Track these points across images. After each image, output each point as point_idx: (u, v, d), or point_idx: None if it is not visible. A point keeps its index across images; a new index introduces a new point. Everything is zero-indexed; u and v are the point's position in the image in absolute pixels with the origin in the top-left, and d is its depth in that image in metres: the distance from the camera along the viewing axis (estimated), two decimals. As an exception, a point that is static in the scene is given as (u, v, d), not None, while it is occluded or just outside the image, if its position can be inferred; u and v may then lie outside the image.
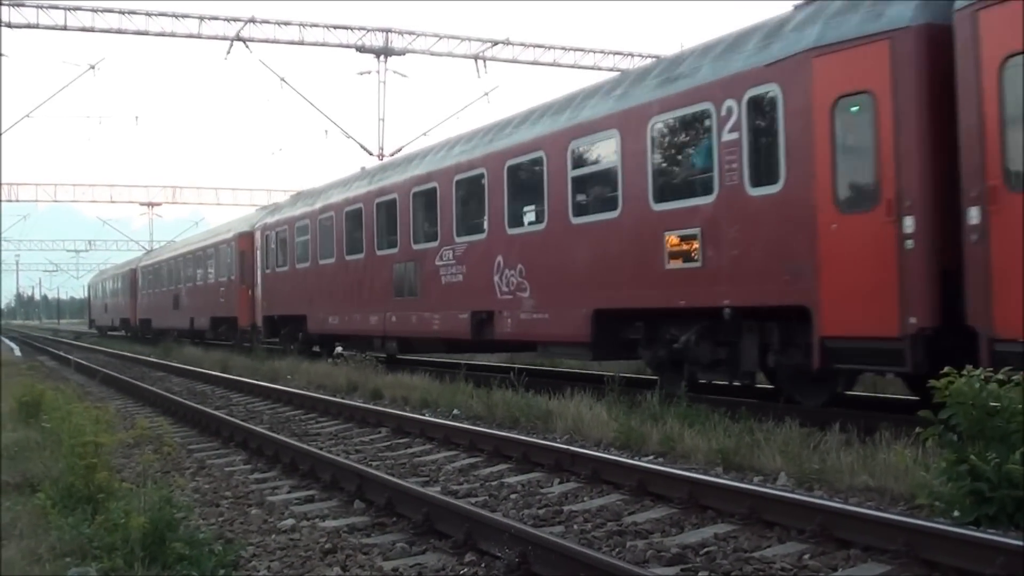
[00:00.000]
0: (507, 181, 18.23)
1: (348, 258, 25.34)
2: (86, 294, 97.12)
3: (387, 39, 41.84)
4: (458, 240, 19.66)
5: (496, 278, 18.15)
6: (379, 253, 23.41)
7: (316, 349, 29.31)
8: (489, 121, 20.79)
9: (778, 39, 12.38)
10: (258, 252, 33.68)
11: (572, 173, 16.25)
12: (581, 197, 16.26)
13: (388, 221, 23.09)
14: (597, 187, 15.97)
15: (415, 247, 21.47)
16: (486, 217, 18.78)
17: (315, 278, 27.66)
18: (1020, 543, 5.71)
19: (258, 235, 33.95)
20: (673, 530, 7.46)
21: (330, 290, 26.43)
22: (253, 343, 34.08)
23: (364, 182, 25.33)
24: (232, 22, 39.35)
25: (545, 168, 16.95)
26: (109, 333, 72.40)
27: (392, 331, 22.73)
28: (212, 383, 23.47)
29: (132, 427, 10.08)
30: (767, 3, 15.94)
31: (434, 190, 20.83)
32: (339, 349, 26.84)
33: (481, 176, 19.04)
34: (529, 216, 17.92)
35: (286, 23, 40.21)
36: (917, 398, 12.05)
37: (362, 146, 42.67)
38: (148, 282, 56.52)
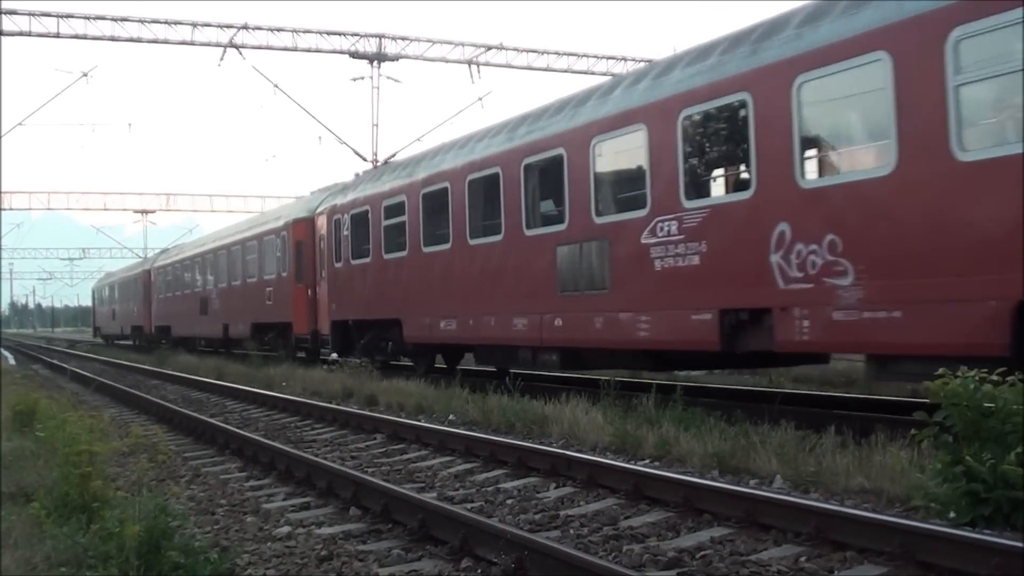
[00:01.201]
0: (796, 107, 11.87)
1: (473, 242, 19.07)
2: (90, 300, 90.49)
3: (380, 44, 41.85)
4: (690, 206, 13.45)
5: (776, 258, 11.99)
6: (530, 233, 17.16)
7: (406, 362, 24.36)
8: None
9: None
10: (322, 242, 27.72)
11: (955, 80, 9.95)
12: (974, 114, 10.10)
13: (546, 188, 17.04)
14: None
15: (601, 220, 15.22)
16: (751, 167, 12.54)
17: (416, 271, 21.44)
18: (1016, 543, 5.71)
19: (321, 221, 27.93)
20: (669, 534, 7.45)
21: (441, 286, 20.20)
22: (313, 354, 28.91)
23: (502, 138, 18.69)
24: (225, 29, 39.35)
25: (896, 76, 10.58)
26: (116, 342, 67.30)
27: (554, 339, 16.41)
28: (207, 391, 23.46)
29: (127, 435, 10.12)
30: (765, 4, 15.90)
31: (641, 134, 14.45)
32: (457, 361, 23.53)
33: (742, 104, 12.74)
34: (853, 157, 11.99)
35: (279, 29, 40.22)
36: (913, 399, 12.05)
37: (356, 152, 42.64)
38: (166, 284, 50.19)
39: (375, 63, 41.99)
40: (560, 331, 16.14)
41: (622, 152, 15.28)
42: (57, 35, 37.31)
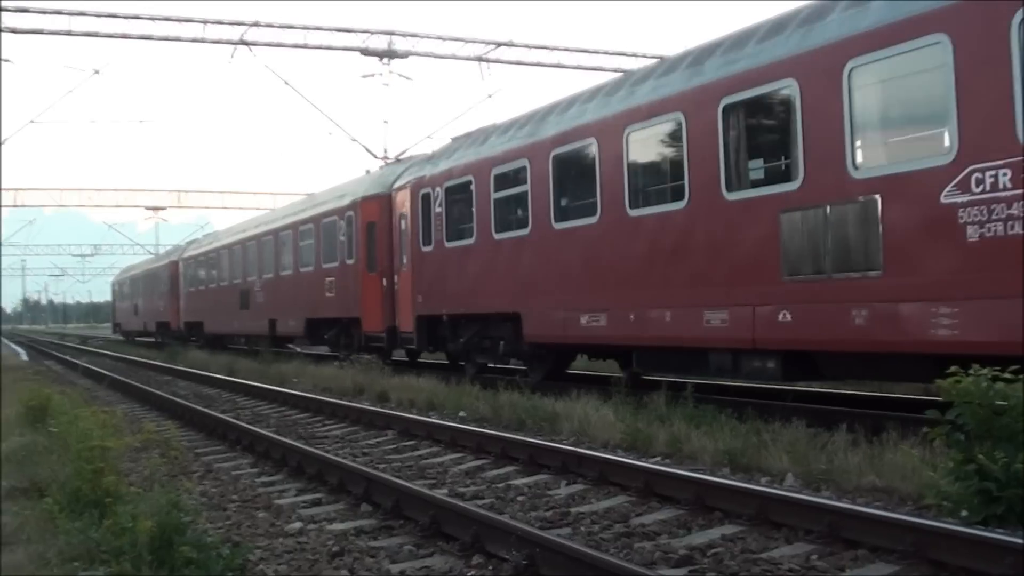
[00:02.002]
0: None
1: (637, 213, 14.70)
2: (109, 295, 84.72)
3: (391, 42, 41.83)
4: None
5: None
6: (733, 198, 12.87)
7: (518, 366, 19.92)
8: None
9: None
10: (403, 222, 23.33)
11: None
12: None
13: (758, 137, 13.29)
14: None
15: (864, 174, 11.04)
16: None
17: (543, 253, 17.27)
18: (1029, 543, 5.69)
19: (402, 197, 23.44)
20: (680, 531, 7.45)
21: (583, 271, 16.05)
22: (387, 355, 24.77)
23: (682, 75, 14.15)
24: (236, 26, 39.31)
25: None
26: (138, 339, 62.19)
27: (775, 340, 12.34)
28: (218, 387, 23.50)
29: (139, 431, 10.13)
30: (772, 2, 15.77)
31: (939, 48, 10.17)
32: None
33: None
34: None
35: (290, 26, 40.19)
36: (925, 397, 11.98)
37: (367, 148, 42.65)
38: (197, 276, 45.34)
39: (385, 60, 41.99)
40: (786, 329, 12.01)
41: (904, 76, 10.88)
42: (68, 33, 37.34)
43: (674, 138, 14.06)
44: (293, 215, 32.72)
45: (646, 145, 14.86)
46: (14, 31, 36.29)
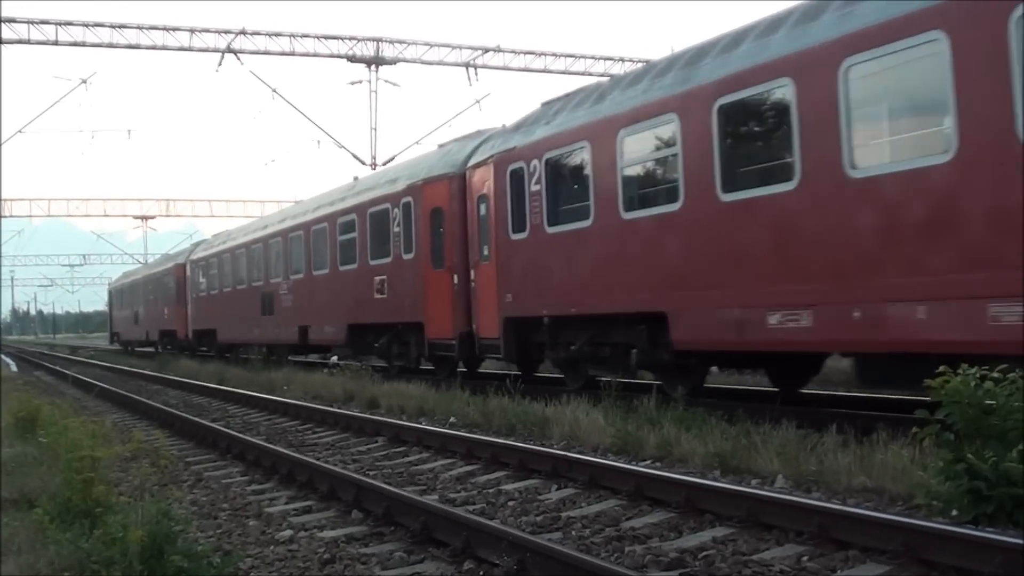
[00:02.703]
0: None
1: (859, 175, 11.09)
2: (106, 303, 78.73)
3: (378, 48, 41.90)
4: None
5: None
6: None
7: None
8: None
9: None
10: (483, 205, 19.34)
11: None
12: None
13: None
14: None
15: None
16: None
17: (702, 234, 13.46)
18: (1019, 541, 5.71)
19: (482, 176, 19.39)
20: (671, 534, 7.46)
21: (776, 254, 12.30)
22: (455, 365, 21.83)
23: None
24: (223, 34, 39.39)
25: None
26: (138, 350, 57.52)
27: None
28: (208, 395, 23.46)
29: (129, 440, 10.11)
30: (761, 4, 15.78)
31: None
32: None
33: None
34: None
35: (277, 34, 40.27)
36: (914, 397, 11.99)
37: (355, 156, 42.72)
38: (208, 279, 40.94)
39: (373, 67, 42.06)
40: None
41: None
42: (56, 42, 37.36)
43: (936, 66, 10.15)
44: (328, 206, 28.10)
45: (869, 84, 11.15)
46: (0, 42, 36.24)
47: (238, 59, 39.45)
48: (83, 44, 37.70)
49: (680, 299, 13.77)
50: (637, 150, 14.86)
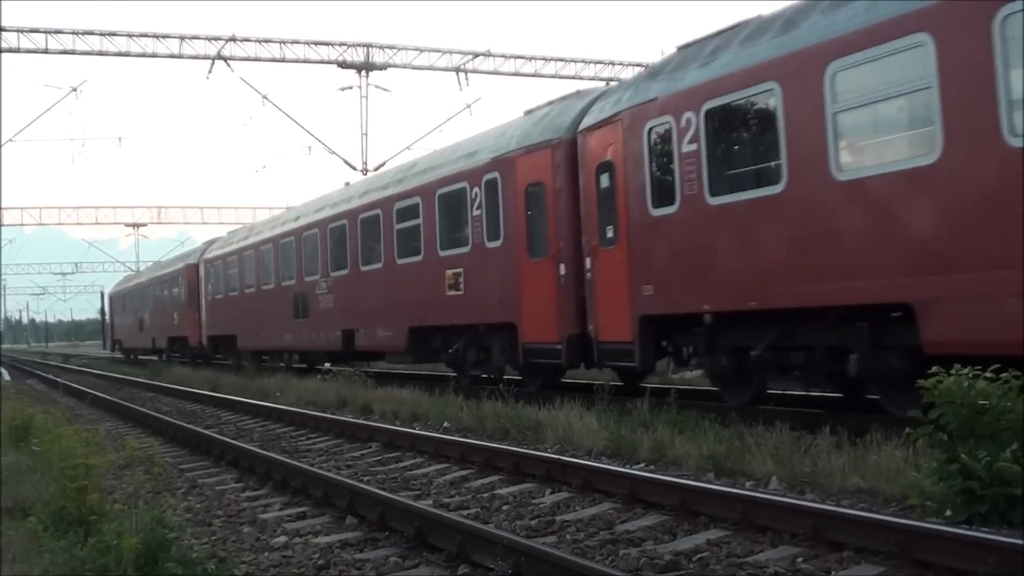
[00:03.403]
0: None
1: None
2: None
3: (368, 54, 41.91)
4: None
5: None
6: None
7: None
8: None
9: None
10: (605, 176, 15.53)
11: None
12: None
13: None
14: None
15: None
16: None
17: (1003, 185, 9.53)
18: (1013, 540, 5.72)
19: (603, 138, 15.66)
20: (666, 537, 7.46)
21: None
22: (560, 373, 18.80)
23: None
24: (213, 41, 39.39)
25: None
26: (140, 358, 54.41)
27: None
28: (202, 402, 23.42)
29: (122, 448, 10.09)
30: (753, 4, 15.74)
31: None
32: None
33: None
34: None
35: (267, 40, 40.28)
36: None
37: (346, 161, 42.76)
38: (227, 280, 36.85)
39: (363, 73, 42.09)
40: None
41: None
42: (46, 51, 37.34)
43: None
44: (380, 190, 24.09)
45: None
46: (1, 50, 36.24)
47: (228, 66, 39.46)
48: (73, 52, 37.68)
49: (938, 285, 10.10)
50: (859, 89, 11.10)
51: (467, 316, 19.57)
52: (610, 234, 15.39)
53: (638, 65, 38.31)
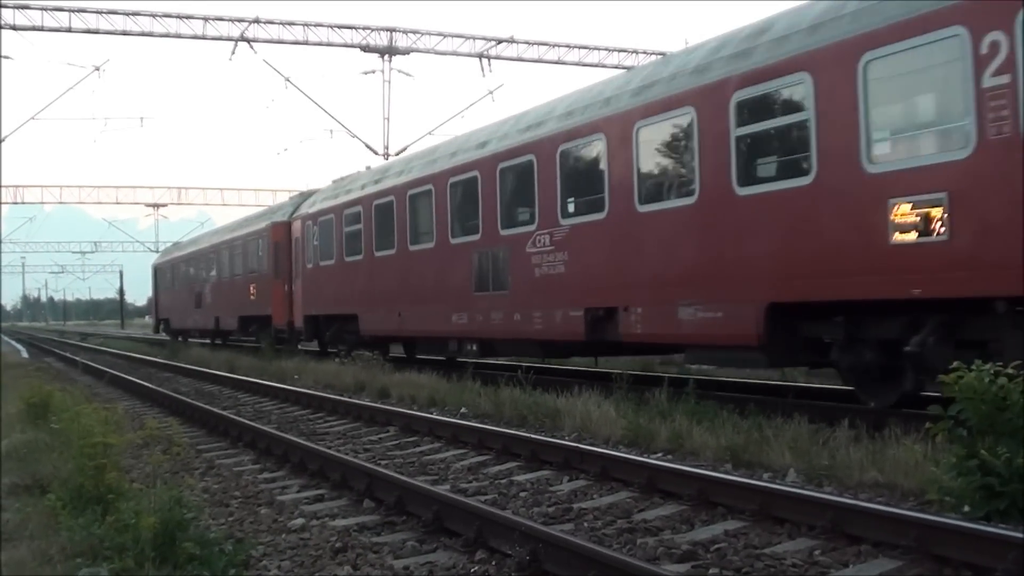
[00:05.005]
0: None
1: None
2: (151, 283, 59.09)
3: (391, 38, 41.89)
4: None
5: None
6: None
7: None
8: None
9: None
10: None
11: None
12: None
13: None
14: None
15: None
16: None
17: None
18: (1032, 537, 5.70)
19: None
20: (683, 527, 7.45)
21: None
22: None
23: None
24: (237, 23, 39.41)
25: None
26: (191, 340, 46.43)
27: None
28: (220, 383, 23.48)
29: (141, 428, 10.12)
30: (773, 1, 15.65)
31: None
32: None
33: None
34: None
35: (290, 23, 40.28)
36: (927, 393, 11.92)
37: (367, 145, 42.77)
38: (341, 241, 26.32)
39: (386, 57, 42.06)
40: None
41: None
42: (69, 29, 37.42)
43: None
44: (604, 106, 15.77)
45: None
46: (14, 28, 36.31)
47: (251, 48, 39.48)
48: (96, 31, 37.76)
49: None
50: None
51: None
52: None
53: (659, 53, 38.13)
